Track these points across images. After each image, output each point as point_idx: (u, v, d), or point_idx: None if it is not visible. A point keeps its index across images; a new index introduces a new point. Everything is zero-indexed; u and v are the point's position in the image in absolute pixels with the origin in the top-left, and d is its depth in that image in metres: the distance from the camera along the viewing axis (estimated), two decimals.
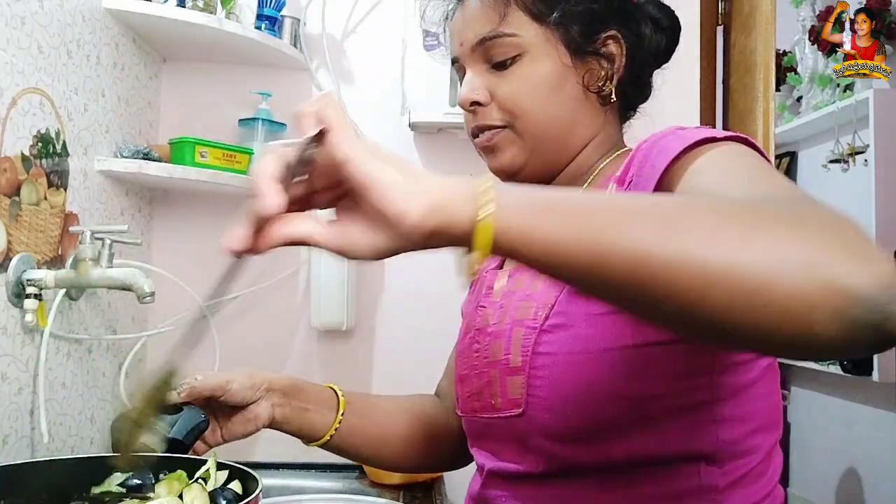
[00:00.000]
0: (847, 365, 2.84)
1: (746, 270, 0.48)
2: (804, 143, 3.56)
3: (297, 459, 1.49)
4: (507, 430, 0.81)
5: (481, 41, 0.83)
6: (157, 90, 1.65)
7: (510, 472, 0.82)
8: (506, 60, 0.83)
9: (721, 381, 0.74)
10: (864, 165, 2.87)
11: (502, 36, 0.82)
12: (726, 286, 0.48)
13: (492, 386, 0.82)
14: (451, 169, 1.69)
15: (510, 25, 0.82)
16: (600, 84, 0.85)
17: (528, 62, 0.83)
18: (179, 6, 1.44)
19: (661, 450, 0.74)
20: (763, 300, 0.48)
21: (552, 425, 0.76)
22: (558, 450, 0.77)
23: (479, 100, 0.84)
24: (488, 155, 0.86)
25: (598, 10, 0.84)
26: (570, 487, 0.77)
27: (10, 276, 1.10)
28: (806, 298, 0.47)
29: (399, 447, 1.02)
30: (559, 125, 0.84)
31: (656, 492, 0.75)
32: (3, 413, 1.09)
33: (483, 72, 0.85)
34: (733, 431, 0.75)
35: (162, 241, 1.66)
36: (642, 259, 0.49)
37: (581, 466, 0.76)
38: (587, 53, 0.84)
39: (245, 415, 0.92)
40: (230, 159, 1.53)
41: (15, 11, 1.09)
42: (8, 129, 1.08)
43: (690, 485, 0.74)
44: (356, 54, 1.71)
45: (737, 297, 0.48)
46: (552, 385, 0.76)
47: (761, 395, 0.77)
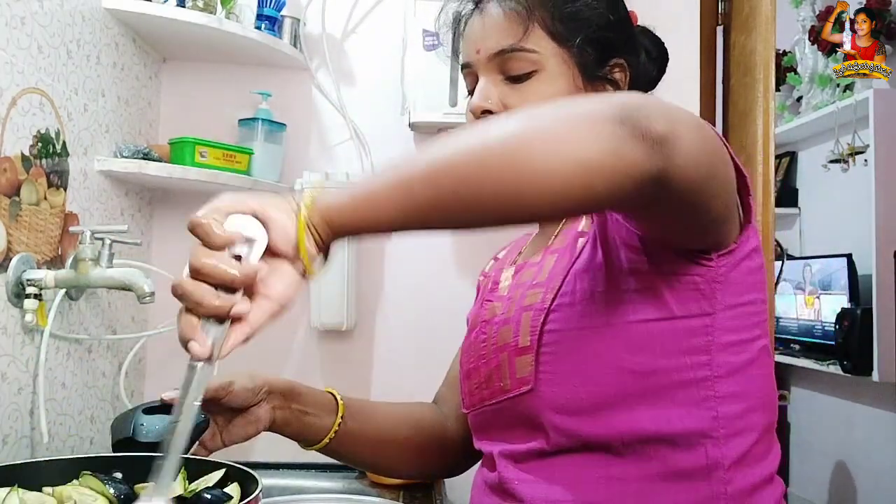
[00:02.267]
0: (847, 365, 2.84)
1: (532, 147, 0.59)
2: (804, 143, 3.56)
3: (297, 459, 1.49)
4: (517, 410, 0.83)
5: (500, 52, 0.86)
6: (157, 90, 1.65)
7: (521, 453, 0.83)
8: (521, 75, 0.86)
9: (719, 360, 0.78)
10: (864, 165, 2.87)
11: (523, 51, 0.85)
12: (521, 164, 0.58)
13: (500, 369, 0.85)
14: None
15: (531, 42, 0.85)
16: None
17: (544, 80, 0.86)
18: (179, 6, 1.44)
19: (665, 426, 0.77)
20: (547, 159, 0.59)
21: (560, 398, 0.79)
22: (567, 424, 0.79)
23: (492, 109, 0.86)
24: None
25: (612, 38, 0.89)
26: (580, 464, 0.79)
27: (10, 276, 1.10)
28: (577, 137, 0.59)
29: (397, 453, 1.02)
30: None
31: (665, 469, 0.77)
32: (3, 413, 1.09)
33: (498, 82, 0.87)
34: (732, 408, 0.78)
35: (162, 241, 1.66)
36: (450, 175, 0.59)
37: (590, 441, 0.79)
38: (597, 78, 0.88)
39: (246, 417, 0.92)
40: (230, 159, 1.53)
41: (15, 11, 1.09)
42: (8, 129, 1.08)
43: (697, 463, 0.77)
44: (356, 54, 1.71)
45: (530, 161, 0.59)
46: (559, 359, 0.79)
47: (757, 375, 0.81)
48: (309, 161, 1.69)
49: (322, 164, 1.68)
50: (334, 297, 1.59)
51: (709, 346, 0.78)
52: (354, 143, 1.69)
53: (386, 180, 0.61)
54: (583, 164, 0.58)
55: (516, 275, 0.91)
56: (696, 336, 0.77)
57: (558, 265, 0.84)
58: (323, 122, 1.70)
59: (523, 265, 0.92)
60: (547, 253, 0.89)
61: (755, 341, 0.81)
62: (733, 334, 0.79)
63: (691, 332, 0.77)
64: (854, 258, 2.94)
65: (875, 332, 2.73)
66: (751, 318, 0.80)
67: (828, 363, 2.97)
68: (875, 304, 2.74)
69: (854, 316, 2.81)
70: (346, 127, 1.68)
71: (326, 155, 1.70)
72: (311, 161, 1.69)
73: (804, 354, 3.20)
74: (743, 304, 0.79)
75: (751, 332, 0.80)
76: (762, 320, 0.82)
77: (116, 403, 1.47)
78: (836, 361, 2.93)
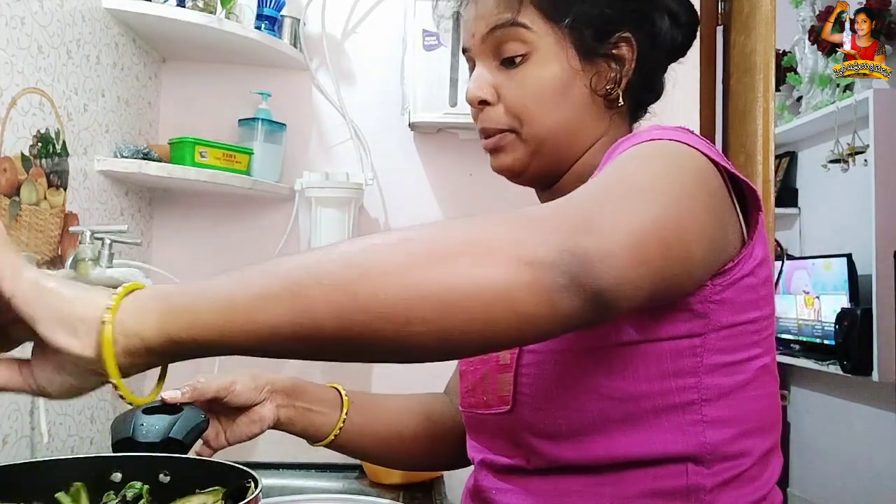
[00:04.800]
0: (847, 365, 2.84)
1: (431, 291, 0.50)
2: (804, 143, 3.56)
3: (297, 459, 1.49)
4: (498, 426, 0.82)
5: (492, 30, 0.83)
6: (157, 90, 1.65)
7: (501, 465, 0.83)
8: (515, 58, 0.82)
9: (709, 383, 0.74)
10: (864, 165, 2.87)
11: (514, 25, 0.81)
12: (419, 311, 0.50)
13: (484, 382, 0.84)
14: (452, 169, 1.69)
15: (522, 17, 0.81)
16: (608, 87, 0.84)
17: (537, 63, 0.82)
18: (179, 6, 1.44)
19: (647, 450, 0.74)
20: (463, 308, 0.51)
21: (538, 422, 0.77)
22: (545, 447, 0.77)
23: (487, 98, 0.84)
24: (492, 154, 0.87)
25: (612, 14, 0.83)
26: (559, 483, 0.78)
27: None
28: (498, 286, 0.51)
29: (404, 446, 1.02)
30: (564, 130, 0.84)
31: (644, 490, 0.75)
32: (3, 413, 1.09)
33: (492, 68, 0.85)
34: (722, 433, 0.74)
35: (162, 241, 1.66)
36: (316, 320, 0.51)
37: (568, 464, 0.77)
38: (597, 56, 0.83)
39: (250, 416, 0.91)
40: (230, 159, 1.53)
41: (15, 11, 1.09)
42: (8, 129, 1.08)
43: (678, 485, 0.74)
44: (356, 54, 1.71)
45: (436, 317, 0.50)
46: (538, 382, 0.77)
47: (754, 397, 0.76)
48: (309, 161, 1.69)
49: (322, 164, 1.68)
50: None
51: (697, 368, 0.73)
52: (354, 143, 1.69)
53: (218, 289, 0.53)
54: (503, 308, 0.51)
55: None
56: (683, 358, 0.73)
57: None
58: (323, 122, 1.70)
59: None
60: None
61: (752, 361, 0.76)
62: (726, 355, 0.74)
63: (678, 354, 0.73)
64: (854, 258, 2.94)
65: (875, 332, 2.73)
66: (750, 336, 0.75)
67: (828, 363, 2.98)
68: (875, 304, 2.74)
69: (854, 316, 2.81)
70: (345, 127, 1.68)
71: (326, 155, 1.70)
72: (310, 161, 1.69)
73: (804, 354, 3.20)
74: (741, 322, 0.74)
75: (748, 351, 0.75)
76: (764, 338, 0.77)
77: (116, 403, 1.47)
78: (836, 361, 2.93)
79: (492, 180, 0.92)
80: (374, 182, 1.66)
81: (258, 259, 0.55)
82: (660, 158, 0.69)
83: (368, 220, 1.69)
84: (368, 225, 1.68)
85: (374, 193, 1.68)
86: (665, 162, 0.68)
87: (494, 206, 1.65)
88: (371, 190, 1.66)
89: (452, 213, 1.69)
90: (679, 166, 0.68)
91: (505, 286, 0.51)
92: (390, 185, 1.69)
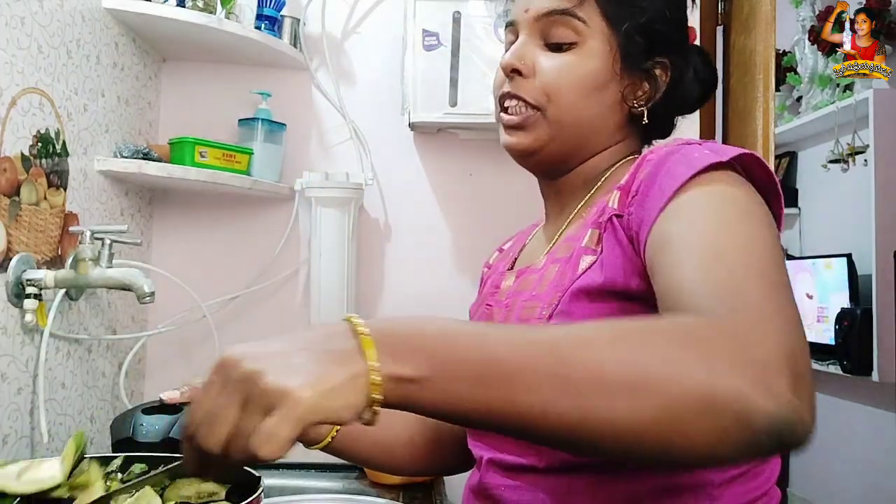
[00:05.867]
0: (847, 365, 2.84)
1: (646, 426, 0.50)
2: (804, 143, 3.56)
3: (297, 459, 1.49)
4: None
5: (550, 13, 0.85)
6: (157, 90, 1.65)
7: (510, 464, 0.82)
8: (562, 44, 0.85)
9: None
10: (864, 165, 2.87)
11: (573, 16, 0.84)
12: (630, 442, 0.50)
13: None
14: (451, 169, 1.69)
15: (583, 11, 0.84)
16: (636, 102, 0.87)
17: (583, 54, 0.84)
18: (179, 6, 1.44)
19: None
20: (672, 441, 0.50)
21: None
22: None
23: (522, 70, 0.85)
24: (510, 131, 0.88)
25: (664, 34, 0.87)
26: (569, 481, 0.78)
27: (10, 276, 1.10)
28: (712, 433, 0.50)
29: (402, 450, 1.01)
30: (588, 123, 0.86)
31: (655, 486, 0.75)
32: (3, 413, 1.09)
33: (537, 46, 0.86)
34: None
35: (162, 241, 1.66)
36: (541, 420, 0.51)
37: (580, 462, 0.77)
38: (637, 69, 0.87)
39: None
40: (230, 159, 1.53)
41: (15, 11, 1.09)
42: (8, 129, 1.08)
43: (689, 479, 0.75)
44: (356, 54, 1.71)
45: (645, 450, 0.51)
46: None
47: None
48: (309, 161, 1.69)
49: (322, 164, 1.68)
50: (334, 296, 1.59)
51: None
52: (354, 143, 1.69)
53: (474, 395, 0.51)
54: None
55: (518, 279, 0.90)
56: None
57: (558, 279, 0.82)
58: (323, 122, 1.70)
59: (525, 270, 0.90)
60: (550, 261, 0.86)
61: None
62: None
63: None
64: (854, 258, 2.94)
65: (875, 332, 2.73)
66: None
67: (828, 363, 2.98)
68: (875, 304, 2.74)
69: (854, 316, 2.81)
70: (345, 127, 1.68)
71: (326, 155, 1.70)
72: (310, 161, 1.69)
73: None
74: None
75: None
76: None
77: (116, 403, 1.47)
78: (836, 361, 2.93)
79: (492, 180, 0.92)
80: (373, 182, 1.66)
81: (258, 259, 0.55)
82: (742, 226, 0.67)
83: (368, 220, 1.69)
84: (368, 225, 1.68)
85: (374, 193, 1.68)
86: (749, 232, 0.67)
87: (494, 206, 1.66)
88: (371, 190, 1.66)
89: (452, 213, 1.69)
90: (763, 238, 0.67)
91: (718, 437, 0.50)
92: (390, 185, 1.69)
